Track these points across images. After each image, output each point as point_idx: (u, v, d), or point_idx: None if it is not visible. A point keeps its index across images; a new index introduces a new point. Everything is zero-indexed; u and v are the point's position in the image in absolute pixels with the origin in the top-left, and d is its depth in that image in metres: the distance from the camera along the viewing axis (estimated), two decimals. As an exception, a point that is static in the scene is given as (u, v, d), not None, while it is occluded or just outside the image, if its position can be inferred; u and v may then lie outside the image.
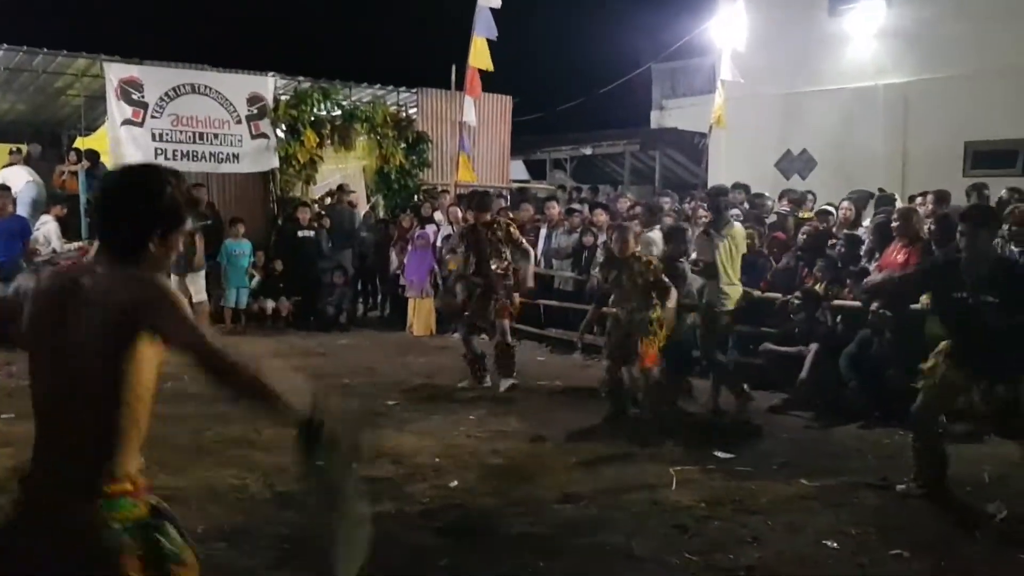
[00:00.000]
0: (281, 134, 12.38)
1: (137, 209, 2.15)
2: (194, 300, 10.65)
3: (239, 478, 5.32)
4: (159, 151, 11.52)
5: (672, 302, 6.74)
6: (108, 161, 11.61)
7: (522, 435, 6.52)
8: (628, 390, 6.98)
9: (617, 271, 6.88)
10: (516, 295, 8.14)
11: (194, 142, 11.81)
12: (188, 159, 11.77)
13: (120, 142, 11.20)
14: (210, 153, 11.94)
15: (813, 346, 7.49)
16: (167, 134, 11.60)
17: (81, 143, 12.50)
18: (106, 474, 2.07)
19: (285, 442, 5.99)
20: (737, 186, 11.60)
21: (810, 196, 10.84)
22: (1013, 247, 7.17)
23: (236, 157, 12.12)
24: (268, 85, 12.40)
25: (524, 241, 8.25)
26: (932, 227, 7.86)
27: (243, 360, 2.04)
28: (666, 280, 6.78)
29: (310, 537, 4.42)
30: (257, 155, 12.24)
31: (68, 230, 10.79)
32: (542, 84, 21.15)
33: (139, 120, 11.42)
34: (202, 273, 10.66)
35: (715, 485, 5.42)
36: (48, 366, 2.11)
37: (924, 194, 9.32)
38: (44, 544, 2.04)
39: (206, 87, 11.91)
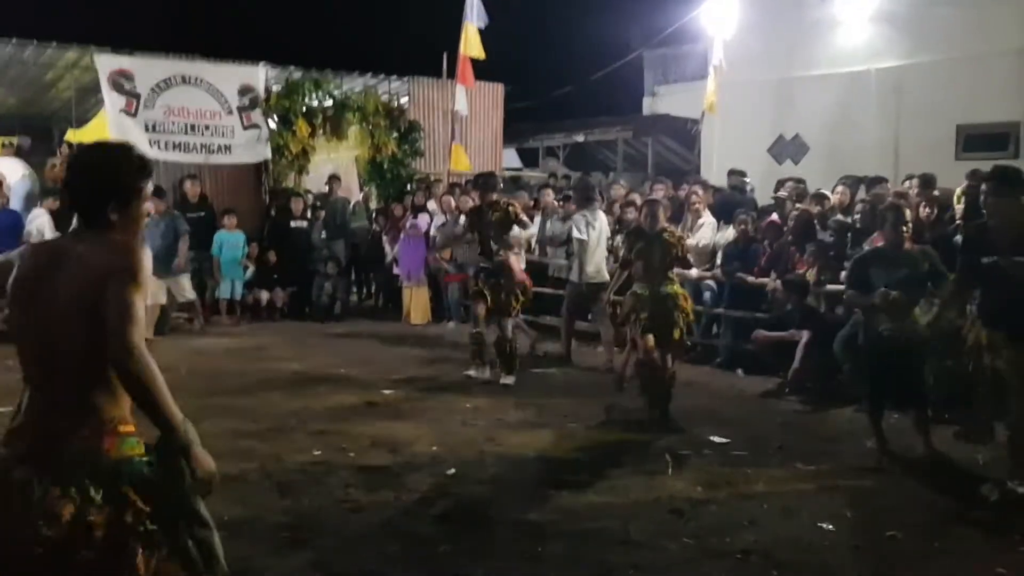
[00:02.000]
0: (273, 125, 12.35)
1: (91, 183, 2.43)
2: (178, 301, 10.49)
3: (236, 468, 5.33)
4: (152, 142, 11.46)
5: (694, 274, 6.98)
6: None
7: (519, 423, 6.55)
8: (671, 375, 6.71)
9: (645, 243, 6.76)
10: (526, 286, 8.01)
11: (186, 133, 11.77)
12: (180, 150, 11.73)
13: (120, 130, 11.21)
14: (202, 144, 11.90)
15: (805, 333, 7.52)
16: (159, 125, 11.56)
17: (72, 135, 12.44)
18: (114, 416, 2.32)
19: (282, 432, 6.03)
20: (733, 172, 11.62)
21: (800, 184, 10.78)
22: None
23: (228, 148, 12.09)
24: (259, 75, 12.35)
25: (524, 217, 8.17)
26: (927, 210, 7.91)
27: (148, 359, 2.23)
28: (690, 257, 6.97)
29: (310, 529, 4.46)
30: (249, 146, 12.21)
31: (61, 223, 10.75)
32: (534, 72, 21.13)
33: (132, 111, 11.38)
34: (186, 275, 10.50)
35: (711, 470, 5.46)
36: (37, 326, 2.32)
37: (911, 177, 9.34)
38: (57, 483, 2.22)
39: (197, 78, 11.85)
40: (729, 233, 9.31)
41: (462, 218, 10.51)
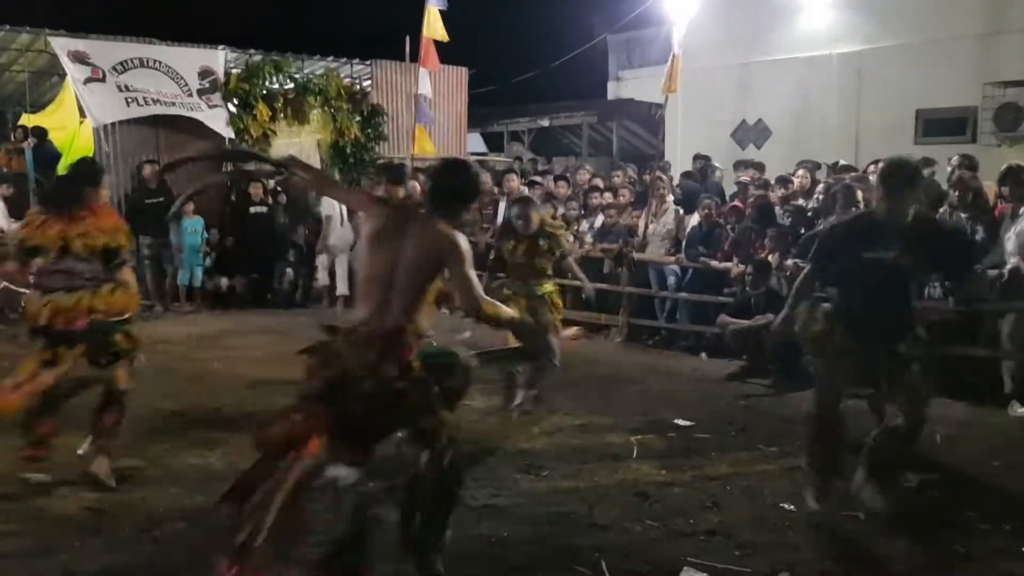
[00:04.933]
0: (233, 108, 12.18)
1: (462, 193, 3.64)
2: None
3: (200, 456, 5.28)
4: (130, 100, 11.33)
5: (575, 270, 6.78)
6: (69, 131, 11.38)
7: (484, 408, 6.54)
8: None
9: (517, 243, 6.27)
10: None
11: (154, 102, 11.64)
12: (158, 104, 11.62)
13: (89, 102, 11.03)
14: (180, 103, 11.80)
15: (768, 316, 7.58)
16: (130, 86, 11.40)
17: (27, 120, 12.17)
18: (420, 327, 3.45)
19: (244, 420, 5.94)
20: (698, 157, 11.69)
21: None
22: (961, 214, 7.30)
23: (201, 109, 11.97)
24: (219, 59, 12.16)
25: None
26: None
27: (490, 301, 3.58)
28: (569, 250, 6.78)
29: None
30: (217, 119, 12.08)
31: (15, 209, 10.53)
32: (498, 56, 21.00)
33: (100, 77, 11.21)
34: None
35: (675, 452, 5.51)
36: (387, 261, 3.42)
37: (876, 162, 9.43)
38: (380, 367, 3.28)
39: (156, 61, 11.63)
40: (695, 218, 9.37)
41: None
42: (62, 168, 12.28)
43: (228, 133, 12.13)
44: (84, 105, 11.19)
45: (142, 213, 11.05)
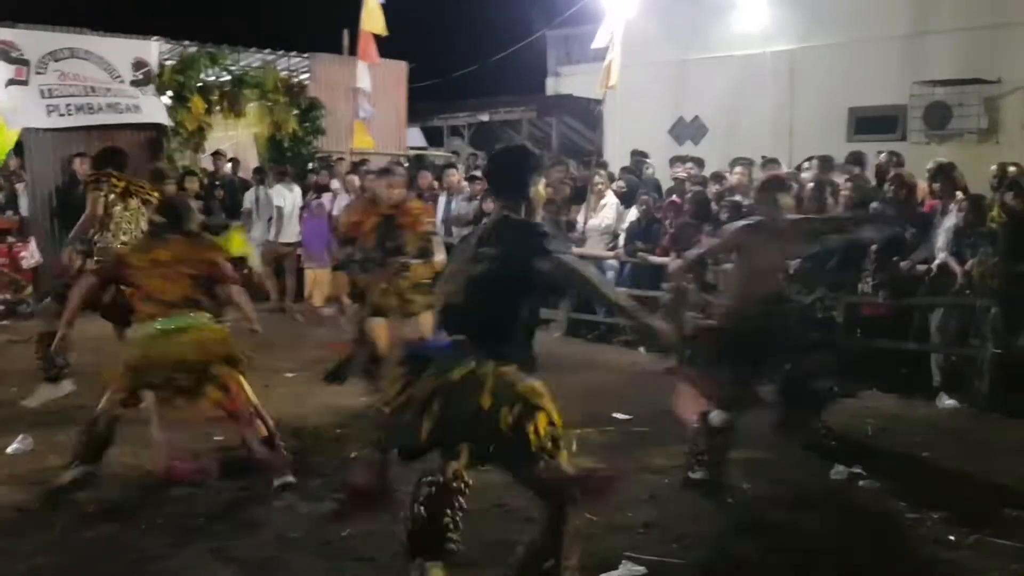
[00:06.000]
0: (167, 101, 11.92)
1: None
2: None
3: (133, 456, 5.16)
4: (51, 108, 10.87)
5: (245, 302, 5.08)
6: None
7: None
8: None
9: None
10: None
11: (87, 95, 11.20)
12: (85, 112, 11.13)
13: (11, 102, 10.62)
14: (108, 104, 11.33)
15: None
16: (56, 89, 10.96)
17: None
18: None
19: (180, 418, 5.80)
20: (635, 153, 11.79)
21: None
22: (891, 210, 7.48)
23: (137, 107, 11.56)
24: (152, 50, 11.87)
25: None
26: (813, 191, 8.16)
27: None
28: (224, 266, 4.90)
29: (207, 516, 4.35)
30: (158, 108, 11.76)
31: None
32: (437, 50, 20.91)
33: (24, 78, 10.79)
34: None
35: (613, 446, 5.54)
36: None
37: (810, 159, 9.62)
38: None
39: (87, 52, 11.30)
40: (632, 213, 9.47)
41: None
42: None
43: (168, 121, 11.87)
44: (2, 111, 10.78)
45: (73, 208, 10.76)
